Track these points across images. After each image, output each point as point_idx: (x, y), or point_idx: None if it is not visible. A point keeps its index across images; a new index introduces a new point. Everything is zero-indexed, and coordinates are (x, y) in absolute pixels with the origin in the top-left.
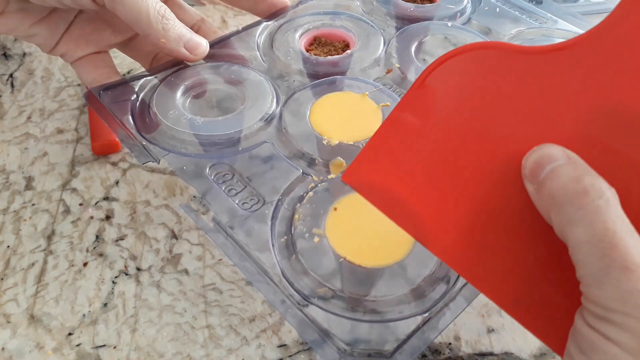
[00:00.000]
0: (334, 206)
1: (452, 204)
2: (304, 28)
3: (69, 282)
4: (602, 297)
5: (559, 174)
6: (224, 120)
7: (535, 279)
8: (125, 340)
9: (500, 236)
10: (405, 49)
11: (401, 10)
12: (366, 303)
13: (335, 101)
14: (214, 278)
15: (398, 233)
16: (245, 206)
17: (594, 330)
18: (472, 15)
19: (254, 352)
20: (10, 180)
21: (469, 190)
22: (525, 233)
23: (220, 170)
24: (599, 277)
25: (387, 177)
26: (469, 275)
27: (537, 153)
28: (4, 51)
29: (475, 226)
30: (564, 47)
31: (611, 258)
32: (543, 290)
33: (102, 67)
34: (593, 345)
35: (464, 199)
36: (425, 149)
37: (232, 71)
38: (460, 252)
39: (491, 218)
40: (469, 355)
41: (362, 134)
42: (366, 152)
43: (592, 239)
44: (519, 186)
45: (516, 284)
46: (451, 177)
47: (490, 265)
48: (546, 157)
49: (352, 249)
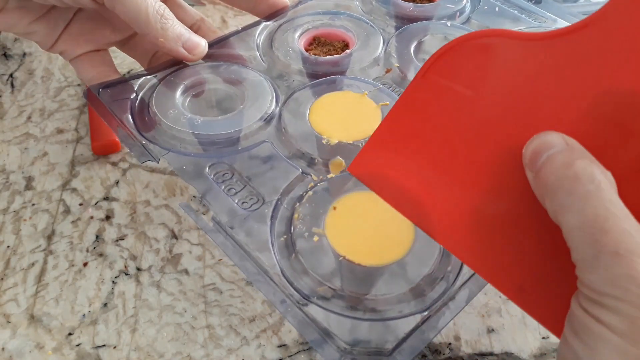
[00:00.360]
0: (333, 205)
1: (457, 194)
2: (303, 28)
3: (69, 282)
4: (595, 281)
5: (553, 161)
6: (223, 119)
7: (537, 266)
8: (125, 340)
9: (505, 225)
10: (404, 49)
11: (400, 10)
12: (366, 302)
13: (335, 101)
14: (214, 278)
15: (397, 232)
16: (245, 206)
17: (587, 314)
18: (472, 15)
19: (254, 352)
20: (10, 180)
21: (473, 180)
22: (527, 221)
23: (220, 169)
24: (591, 262)
25: (392, 168)
26: (474, 263)
27: (536, 141)
28: (4, 51)
29: (480, 215)
30: (567, 32)
31: (602, 244)
32: (545, 276)
33: (100, 66)
34: (586, 328)
35: (469, 189)
36: (429, 139)
37: (232, 71)
38: (465, 242)
39: (495, 207)
40: (469, 355)
41: (361, 133)
42: (371, 144)
43: (583, 225)
44: (521, 175)
45: (520, 272)
46: (456, 166)
47: (495, 254)
48: (544, 144)
49: (352, 248)
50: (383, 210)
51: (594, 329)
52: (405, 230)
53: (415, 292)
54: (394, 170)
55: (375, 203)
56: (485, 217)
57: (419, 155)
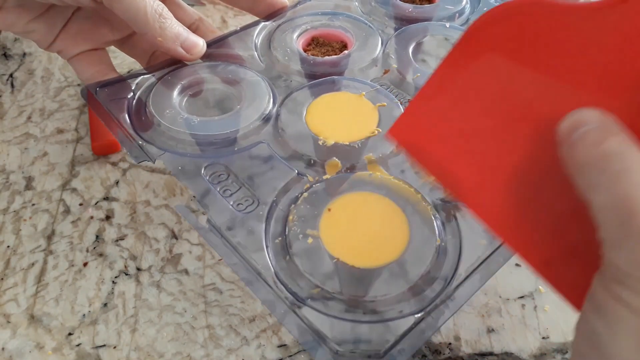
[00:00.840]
0: (328, 207)
1: (492, 164)
2: (301, 28)
3: (69, 282)
4: (620, 261)
5: (586, 137)
6: (220, 120)
7: (564, 241)
8: (125, 340)
9: (535, 199)
10: (403, 50)
11: (400, 11)
12: (361, 303)
13: (332, 101)
14: (214, 278)
15: (392, 233)
16: (240, 207)
17: (609, 292)
18: (471, 16)
19: (254, 352)
20: (10, 180)
21: (509, 153)
22: (557, 197)
23: (216, 170)
24: (618, 242)
25: (429, 135)
26: (505, 234)
27: (571, 117)
28: (4, 51)
29: (513, 188)
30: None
31: (630, 225)
32: (571, 252)
33: (99, 64)
34: (606, 306)
35: (504, 161)
36: (466, 107)
37: (230, 71)
38: (498, 212)
39: (528, 181)
40: (469, 355)
41: (358, 134)
42: (411, 109)
43: (612, 205)
44: (554, 150)
45: (547, 246)
46: (491, 137)
47: (525, 227)
48: (579, 121)
49: (346, 250)
50: (378, 211)
51: (614, 307)
52: (400, 232)
53: (410, 292)
54: (430, 137)
55: (370, 204)
56: (518, 190)
57: (455, 123)
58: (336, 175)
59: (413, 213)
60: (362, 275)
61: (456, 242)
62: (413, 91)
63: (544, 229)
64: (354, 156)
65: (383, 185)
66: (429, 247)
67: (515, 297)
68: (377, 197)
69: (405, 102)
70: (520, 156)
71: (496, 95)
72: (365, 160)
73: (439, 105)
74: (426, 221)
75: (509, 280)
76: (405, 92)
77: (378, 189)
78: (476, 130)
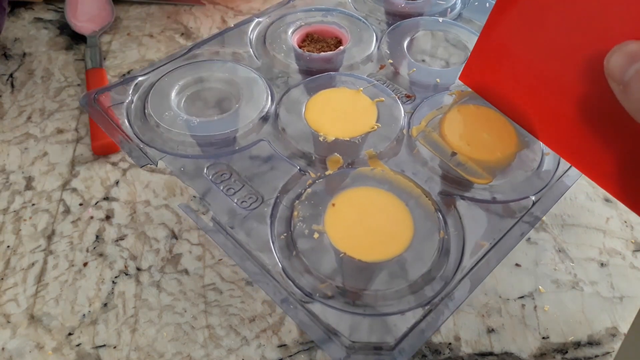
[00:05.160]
0: (332, 202)
1: (552, 100)
2: (296, 25)
3: (69, 282)
4: None
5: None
6: (219, 119)
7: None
8: (125, 340)
9: (593, 125)
10: (397, 45)
11: (392, 7)
12: (367, 297)
13: (330, 97)
14: (214, 278)
15: (396, 227)
16: (244, 205)
17: None
18: (463, 11)
19: (254, 352)
20: (10, 180)
21: (565, 84)
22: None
23: (218, 169)
24: None
25: (497, 75)
26: (571, 158)
27: (618, 52)
28: (4, 51)
29: (573, 118)
30: None
31: None
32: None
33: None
34: None
35: (562, 93)
36: (523, 47)
37: (226, 69)
38: (563, 141)
39: (585, 110)
40: (469, 355)
41: (357, 129)
42: (476, 52)
43: None
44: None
45: (606, 162)
46: (548, 73)
47: (586, 150)
48: (629, 56)
49: (352, 244)
50: (381, 205)
51: None
52: (404, 225)
53: (415, 286)
54: (497, 77)
55: (373, 199)
56: (577, 120)
57: (518, 60)
58: (338, 171)
59: (415, 207)
60: (369, 269)
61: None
62: (408, 86)
63: (601, 149)
64: (355, 151)
65: (385, 179)
66: (433, 239)
67: (515, 297)
68: (380, 191)
69: (402, 97)
70: (579, 89)
71: (546, 30)
72: (366, 155)
73: (501, 41)
74: (429, 214)
75: (509, 280)
76: (401, 86)
77: (380, 184)
78: (532, 68)
